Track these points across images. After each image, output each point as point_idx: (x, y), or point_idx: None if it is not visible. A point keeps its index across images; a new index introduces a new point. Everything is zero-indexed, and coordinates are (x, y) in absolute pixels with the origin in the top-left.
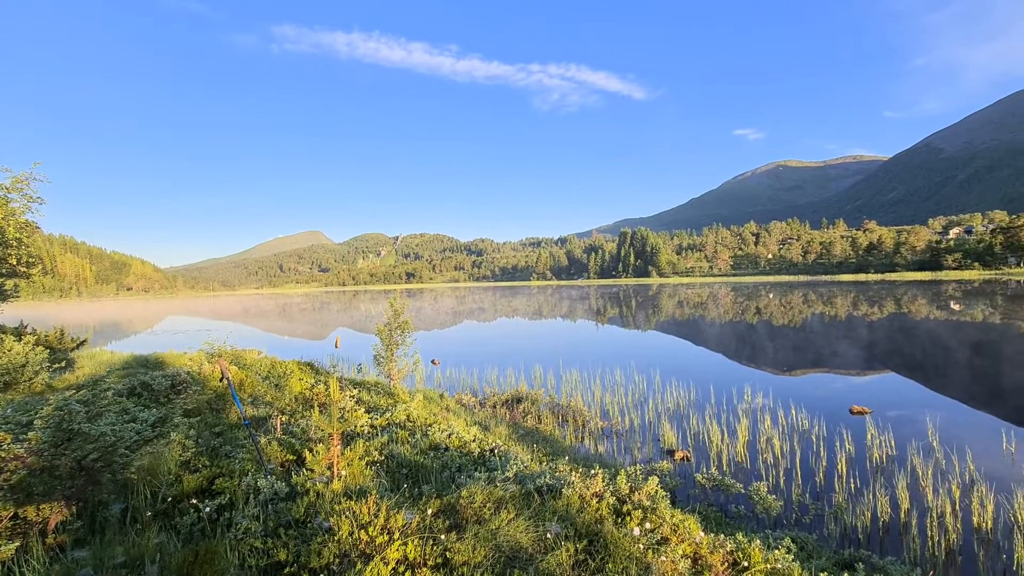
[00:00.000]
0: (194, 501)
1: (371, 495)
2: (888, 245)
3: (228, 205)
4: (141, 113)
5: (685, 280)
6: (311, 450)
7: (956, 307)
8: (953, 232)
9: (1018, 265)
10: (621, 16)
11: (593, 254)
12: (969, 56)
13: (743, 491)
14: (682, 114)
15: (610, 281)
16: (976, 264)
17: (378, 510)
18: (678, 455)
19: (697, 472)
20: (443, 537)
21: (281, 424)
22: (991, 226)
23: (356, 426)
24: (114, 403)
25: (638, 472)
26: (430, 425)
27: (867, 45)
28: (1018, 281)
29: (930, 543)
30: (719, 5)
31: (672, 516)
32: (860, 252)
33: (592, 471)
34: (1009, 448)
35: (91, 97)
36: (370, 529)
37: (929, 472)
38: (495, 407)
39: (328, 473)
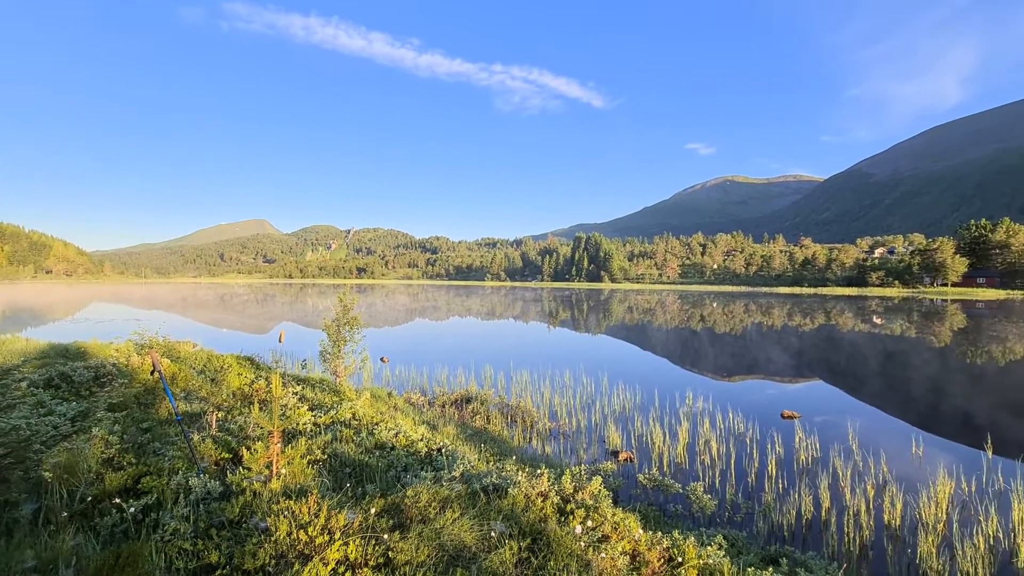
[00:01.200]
0: (117, 501)
1: (312, 494)
2: (821, 261)
3: (166, 188)
4: (72, 85)
5: (635, 286)
6: (249, 448)
7: (878, 321)
8: (878, 252)
9: (932, 284)
10: (584, 24)
11: (547, 257)
12: (896, 90)
13: (681, 491)
14: (639, 125)
15: (563, 284)
16: (897, 282)
17: (319, 510)
18: (622, 456)
19: (639, 472)
20: (386, 537)
21: (216, 421)
22: (911, 248)
23: (298, 424)
24: (28, 395)
25: (582, 472)
26: (376, 424)
27: (808, 73)
28: (931, 299)
29: (847, 539)
30: (677, 22)
31: (613, 515)
32: (796, 266)
33: (538, 471)
34: (917, 451)
35: (11, 64)
36: (310, 529)
37: (848, 473)
38: (444, 407)
39: (266, 472)
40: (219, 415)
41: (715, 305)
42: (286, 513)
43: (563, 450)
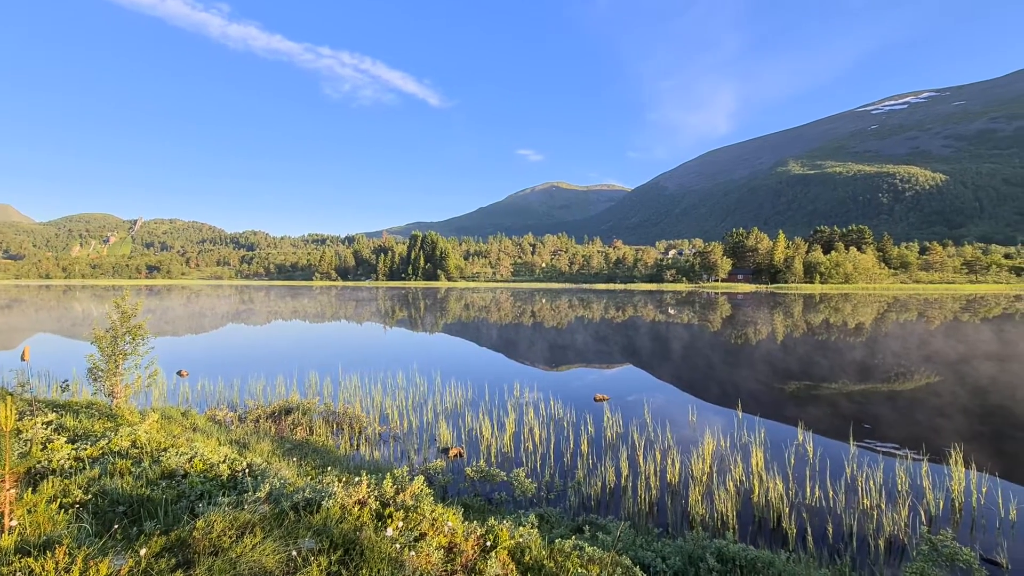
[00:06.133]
0: None
1: (63, 544)
2: (629, 261)
3: None
4: None
5: (471, 284)
6: None
7: (672, 312)
8: (671, 253)
9: (708, 280)
10: (421, 19)
11: (383, 255)
12: (683, 119)
13: (506, 478)
14: (475, 127)
15: (399, 283)
16: (684, 279)
17: (71, 562)
18: (452, 452)
19: (468, 466)
20: None
21: None
22: (694, 250)
23: (51, 461)
24: None
25: (405, 474)
26: (165, 450)
27: (620, 97)
28: (708, 292)
29: (640, 500)
30: (511, 32)
31: (433, 511)
32: (611, 265)
33: (357, 478)
34: (693, 419)
35: None
36: None
37: (643, 443)
38: (258, 421)
39: None
40: None
41: (544, 301)
42: (22, 573)
43: (393, 453)
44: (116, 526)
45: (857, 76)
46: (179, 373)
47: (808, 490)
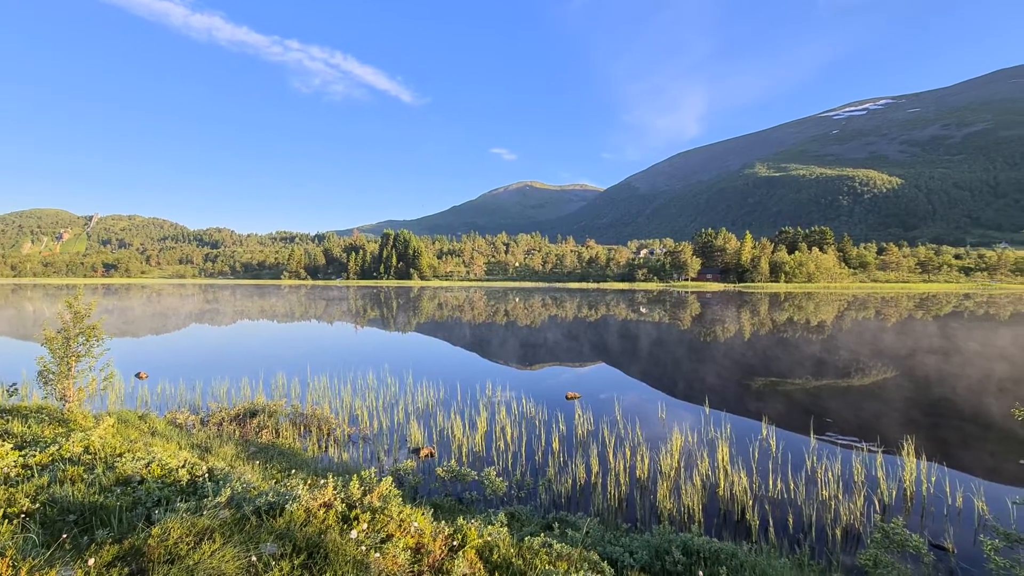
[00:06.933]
0: None
1: (6, 556)
2: (602, 260)
3: None
4: None
5: (444, 283)
6: None
7: (644, 311)
8: (643, 253)
9: (678, 279)
10: (391, 13)
11: (354, 254)
12: (654, 121)
13: (477, 477)
14: (448, 125)
15: (371, 282)
16: (655, 278)
17: (15, 574)
18: (423, 452)
19: (439, 466)
20: None
21: None
22: (665, 250)
23: None
24: None
25: (373, 475)
26: (120, 455)
27: (593, 99)
28: (678, 291)
29: (609, 496)
30: (485, 29)
31: (401, 512)
32: (584, 264)
33: (322, 480)
34: (662, 416)
35: None
36: None
37: (613, 440)
38: (221, 424)
39: None
40: None
41: (517, 300)
42: None
43: (363, 455)
44: (65, 535)
45: (820, 82)
46: (138, 375)
47: (771, 483)
